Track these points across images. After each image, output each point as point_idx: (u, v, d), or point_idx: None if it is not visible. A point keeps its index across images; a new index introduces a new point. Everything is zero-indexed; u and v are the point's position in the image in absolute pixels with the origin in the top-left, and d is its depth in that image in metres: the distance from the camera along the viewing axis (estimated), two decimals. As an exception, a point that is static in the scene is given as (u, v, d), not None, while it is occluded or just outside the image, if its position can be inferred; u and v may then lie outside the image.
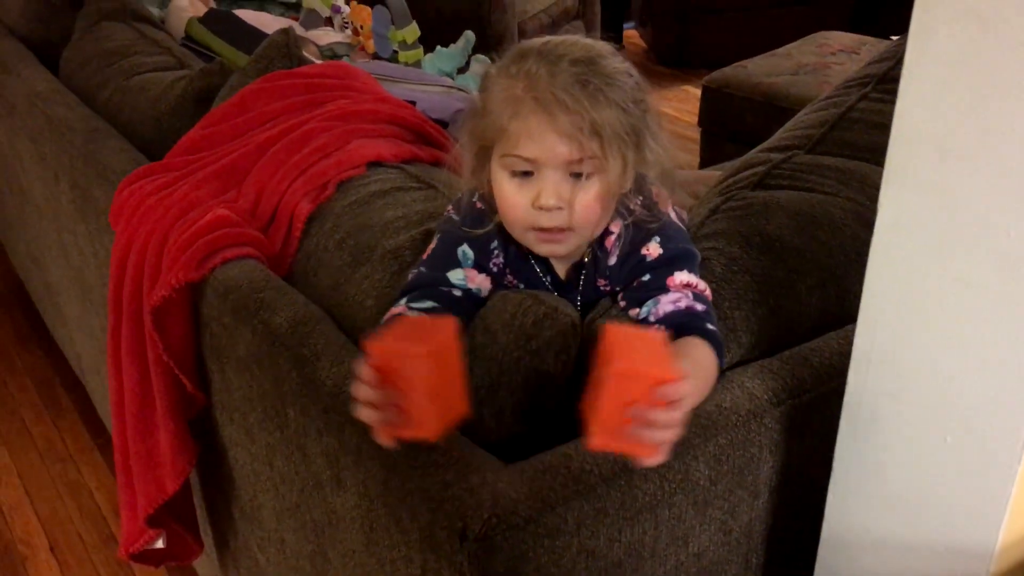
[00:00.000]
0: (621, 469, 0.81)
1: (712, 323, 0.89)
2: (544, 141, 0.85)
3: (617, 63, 0.89)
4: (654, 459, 0.73)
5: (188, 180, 1.27)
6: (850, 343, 0.80)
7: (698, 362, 0.86)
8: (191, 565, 1.48)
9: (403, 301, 0.93)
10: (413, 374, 0.74)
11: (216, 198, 1.23)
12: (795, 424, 0.91)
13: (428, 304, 0.91)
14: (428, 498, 0.79)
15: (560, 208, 0.88)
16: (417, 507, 0.80)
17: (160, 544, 1.30)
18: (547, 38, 0.91)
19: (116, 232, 1.28)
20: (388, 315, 0.92)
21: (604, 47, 0.90)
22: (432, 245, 0.98)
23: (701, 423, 0.86)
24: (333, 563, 0.99)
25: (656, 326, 0.89)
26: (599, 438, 0.72)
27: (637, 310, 0.91)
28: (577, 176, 0.88)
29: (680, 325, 0.88)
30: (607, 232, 0.94)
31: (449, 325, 0.77)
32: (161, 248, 1.17)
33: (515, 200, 0.89)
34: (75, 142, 1.53)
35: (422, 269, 0.96)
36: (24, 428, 2.11)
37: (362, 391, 0.75)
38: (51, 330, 2.18)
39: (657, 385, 0.70)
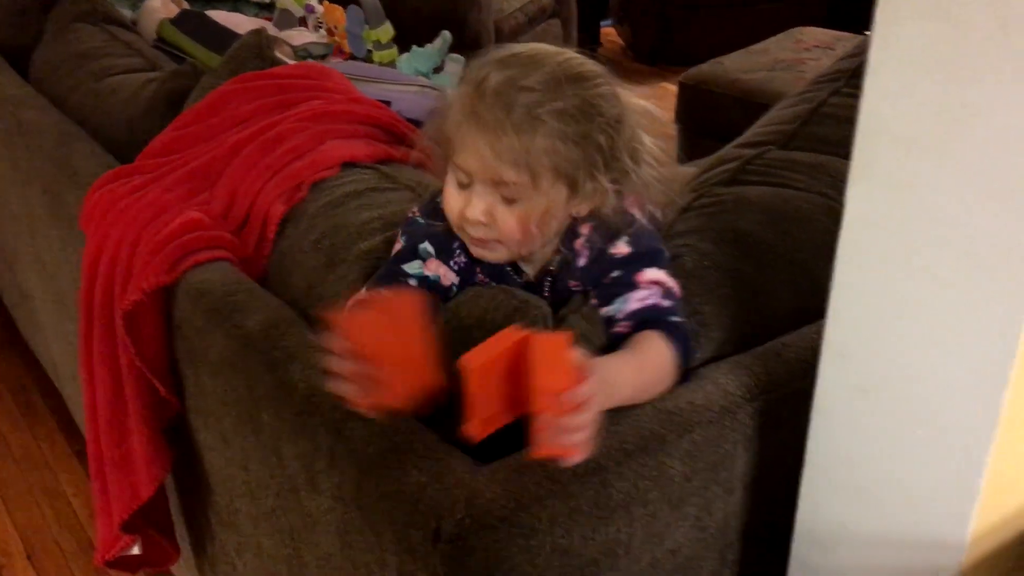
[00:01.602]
0: (595, 468, 0.81)
1: (678, 317, 0.89)
2: (471, 156, 0.88)
3: (584, 92, 0.87)
4: (576, 458, 0.77)
5: (159, 183, 1.26)
6: (822, 337, 0.80)
7: (645, 357, 0.87)
8: (169, 571, 1.47)
9: (363, 291, 0.95)
10: (377, 342, 0.75)
11: (188, 201, 1.22)
12: (769, 419, 0.91)
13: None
14: (402, 500, 0.79)
15: (483, 223, 0.90)
16: (391, 509, 0.80)
17: (136, 550, 1.29)
18: (523, 47, 0.89)
19: (87, 236, 1.27)
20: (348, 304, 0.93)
21: (577, 70, 0.88)
22: (396, 246, 0.99)
23: (674, 420, 0.86)
24: (310, 567, 0.99)
25: (623, 323, 0.90)
26: (534, 449, 0.75)
27: (607, 307, 0.91)
28: (504, 195, 0.89)
29: (644, 321, 0.89)
30: (576, 234, 0.94)
31: (409, 296, 0.79)
32: (132, 252, 1.16)
33: (451, 203, 0.92)
34: (46, 146, 1.51)
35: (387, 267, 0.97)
36: (0, 435, 2.08)
37: (334, 363, 0.76)
38: (27, 336, 2.16)
39: (558, 394, 0.73)
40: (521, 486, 0.78)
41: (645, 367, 0.87)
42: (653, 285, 0.91)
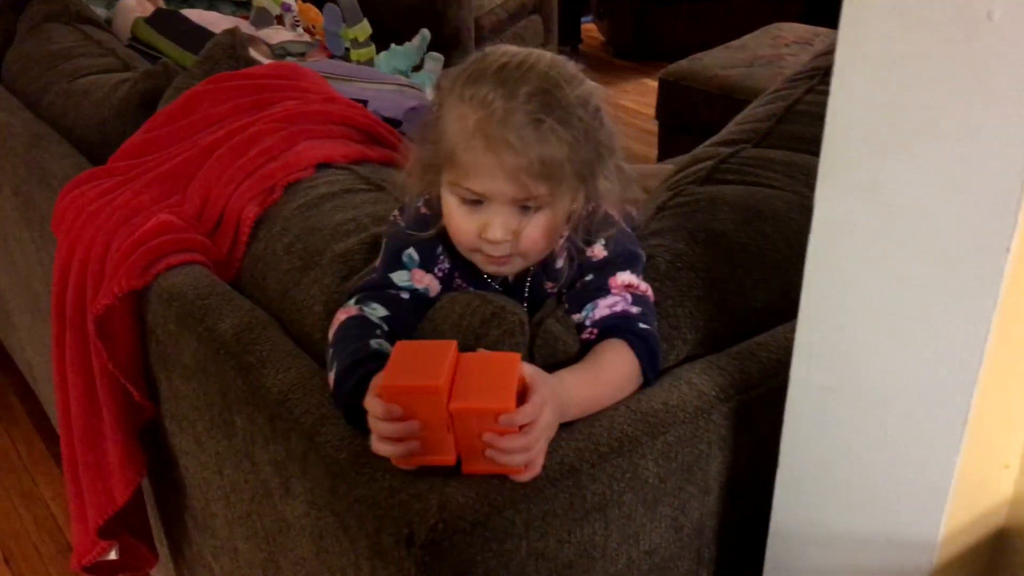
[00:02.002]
0: (569, 470, 0.81)
1: (647, 323, 0.89)
2: (492, 180, 0.85)
3: (577, 90, 0.87)
4: (525, 476, 0.78)
5: (131, 185, 1.24)
6: (794, 338, 0.80)
7: (601, 370, 0.87)
8: (147, 575, 1.46)
9: (352, 302, 0.92)
10: (429, 407, 0.75)
11: (160, 203, 1.21)
12: (744, 419, 0.91)
13: (382, 312, 0.90)
14: (374, 505, 0.78)
15: (507, 240, 0.88)
16: (364, 514, 0.79)
17: (113, 555, 1.28)
18: (507, 55, 0.87)
19: (58, 239, 1.25)
20: (338, 318, 0.91)
21: (565, 70, 0.88)
22: (382, 250, 0.97)
23: (649, 421, 0.86)
24: (285, 571, 0.98)
25: (590, 329, 0.90)
26: (466, 465, 0.78)
27: (578, 315, 0.91)
28: (525, 209, 0.88)
29: (611, 328, 0.88)
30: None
31: (451, 348, 0.78)
32: (104, 255, 1.15)
33: (463, 226, 0.89)
34: (17, 148, 1.50)
35: (372, 273, 0.95)
36: (-24, 439, 2.07)
37: (381, 427, 0.77)
38: (2, 338, 2.14)
39: (495, 415, 0.74)
40: (495, 490, 0.78)
41: (600, 380, 0.87)
42: (625, 290, 0.90)
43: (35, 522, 1.84)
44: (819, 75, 1.32)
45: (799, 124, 1.24)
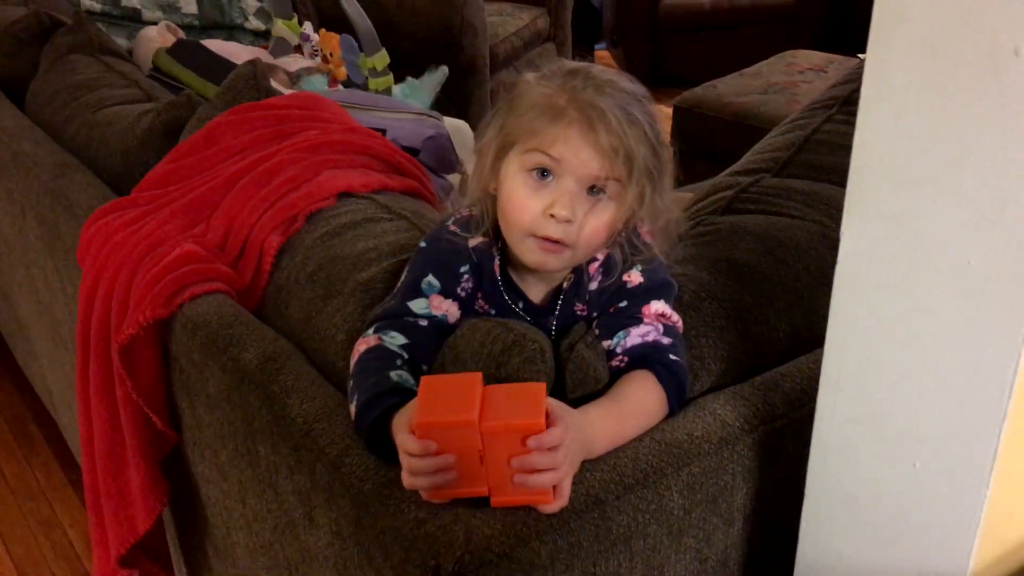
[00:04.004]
0: (594, 501, 0.81)
1: (677, 355, 0.89)
2: (579, 151, 0.85)
3: (652, 108, 0.90)
4: (554, 506, 0.78)
5: (156, 215, 1.26)
6: (820, 367, 0.80)
7: (627, 403, 0.87)
8: (166, 603, 1.46)
9: (371, 331, 0.92)
10: (463, 441, 0.76)
11: (184, 233, 1.22)
12: (768, 450, 0.91)
13: (401, 340, 0.90)
14: (400, 536, 0.78)
15: (570, 222, 0.87)
16: (389, 545, 0.79)
17: (133, 584, 1.28)
18: (588, 64, 0.91)
19: (83, 269, 1.26)
20: (358, 349, 0.92)
21: (643, 90, 0.91)
22: (403, 277, 0.98)
23: (673, 452, 0.86)
24: (307, 602, 0.98)
25: (620, 357, 0.90)
26: (495, 497, 0.78)
27: (609, 341, 0.91)
28: (594, 194, 0.88)
29: (641, 357, 0.88)
30: (592, 258, 0.94)
31: (477, 380, 0.79)
32: (129, 285, 1.16)
33: (526, 203, 0.88)
34: (41, 177, 1.51)
35: (391, 301, 0.96)
36: (-5, 466, 2.07)
37: (415, 463, 0.77)
38: (22, 366, 2.15)
39: (525, 434, 0.75)
40: (520, 521, 0.78)
41: (625, 414, 0.86)
42: (657, 319, 0.91)
43: (53, 549, 1.84)
44: (837, 104, 1.33)
45: (818, 153, 1.24)
